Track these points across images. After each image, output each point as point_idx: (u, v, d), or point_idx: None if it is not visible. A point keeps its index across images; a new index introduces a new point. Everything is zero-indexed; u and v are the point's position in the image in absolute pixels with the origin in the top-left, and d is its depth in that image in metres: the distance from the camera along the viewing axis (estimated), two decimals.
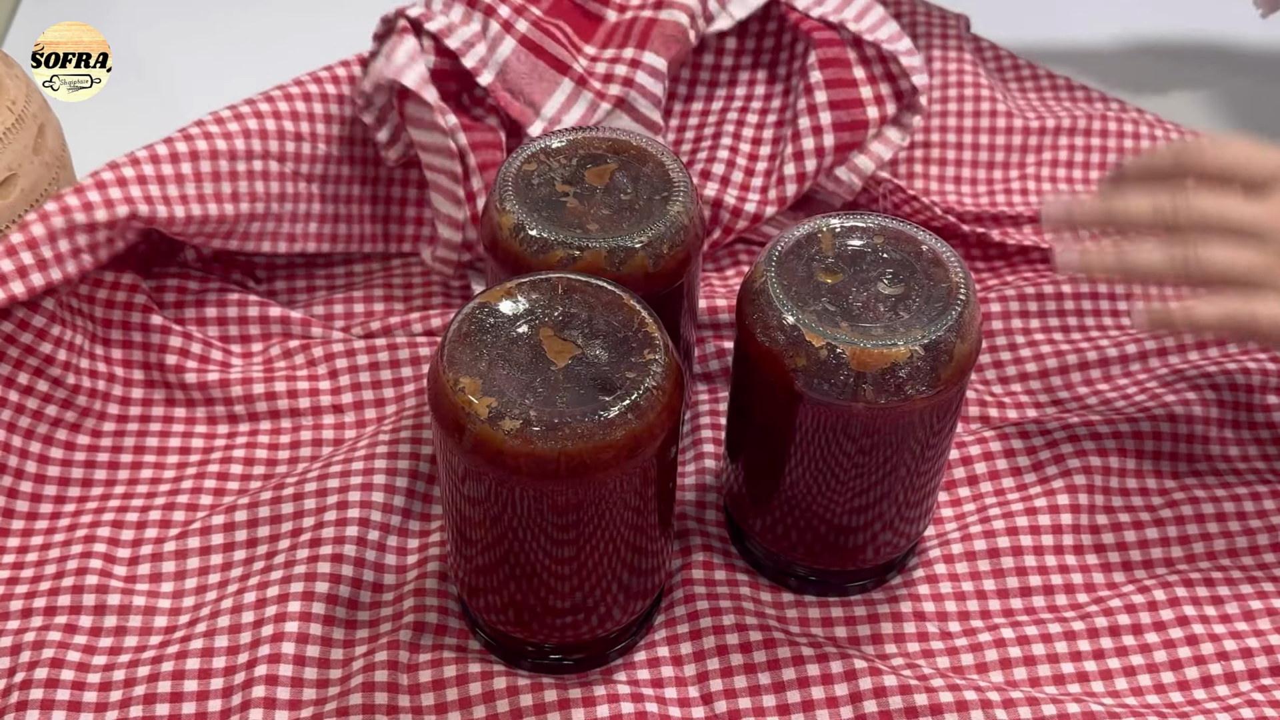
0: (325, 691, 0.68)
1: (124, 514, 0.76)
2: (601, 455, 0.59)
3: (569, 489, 0.60)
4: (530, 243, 0.68)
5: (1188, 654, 0.71)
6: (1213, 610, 0.72)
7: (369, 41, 0.87)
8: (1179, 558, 0.75)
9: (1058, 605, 0.73)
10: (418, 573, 0.73)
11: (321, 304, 0.87)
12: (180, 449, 0.79)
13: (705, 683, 0.69)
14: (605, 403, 0.59)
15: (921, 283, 0.64)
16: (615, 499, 0.62)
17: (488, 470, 0.59)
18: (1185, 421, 0.79)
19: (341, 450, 0.78)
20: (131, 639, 0.70)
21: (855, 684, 0.68)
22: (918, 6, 1.04)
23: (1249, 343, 0.79)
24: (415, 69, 0.81)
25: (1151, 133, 0.96)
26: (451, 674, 0.69)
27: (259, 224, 0.83)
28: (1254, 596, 0.73)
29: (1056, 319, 0.86)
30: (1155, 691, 0.69)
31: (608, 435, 0.59)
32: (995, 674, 0.70)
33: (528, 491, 0.60)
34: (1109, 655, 0.71)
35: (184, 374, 0.80)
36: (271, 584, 0.71)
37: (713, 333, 0.83)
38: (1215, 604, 0.73)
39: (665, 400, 0.60)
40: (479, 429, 0.59)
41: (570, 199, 0.70)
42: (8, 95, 0.78)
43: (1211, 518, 0.76)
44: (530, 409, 0.59)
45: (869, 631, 0.72)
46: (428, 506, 0.76)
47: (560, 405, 0.59)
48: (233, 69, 1.06)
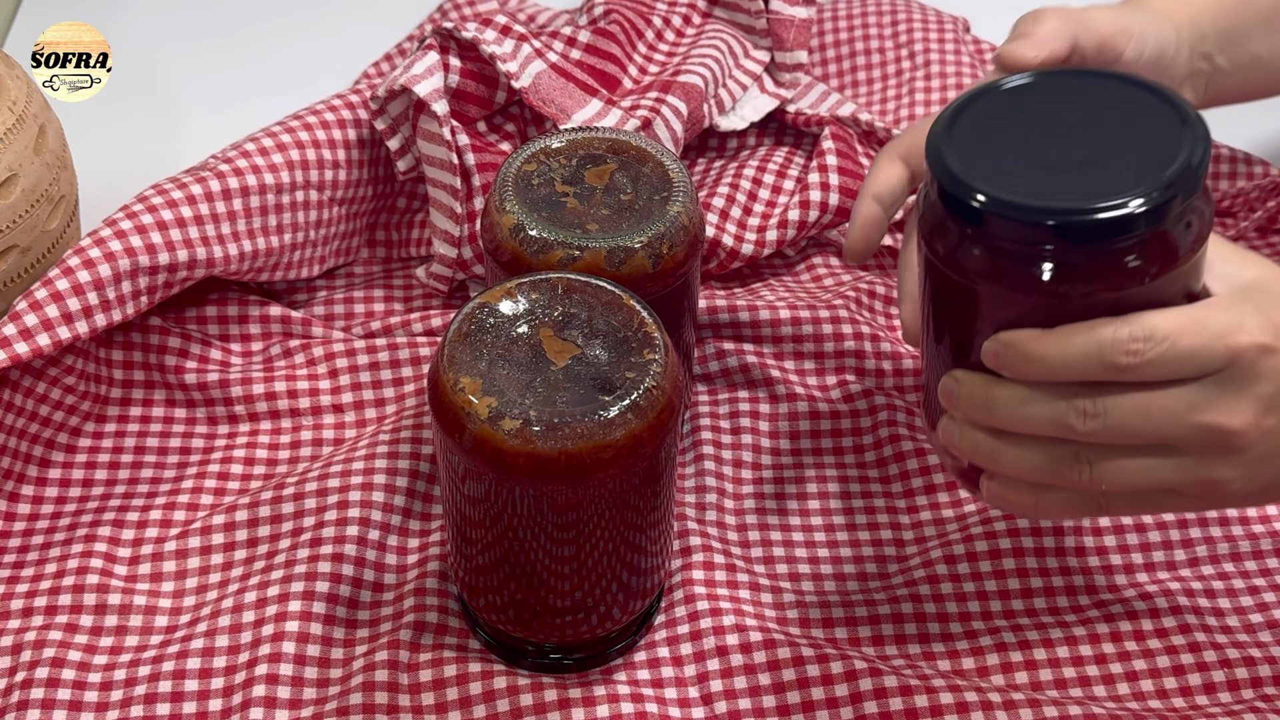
0: (326, 691, 0.68)
1: (124, 514, 0.76)
2: (601, 455, 0.59)
3: (569, 489, 0.60)
4: (530, 243, 0.68)
5: (1190, 660, 0.70)
6: (1214, 620, 0.72)
7: (369, 41, 0.87)
8: (1182, 561, 0.75)
9: (1059, 607, 0.73)
10: (418, 573, 0.73)
11: (321, 304, 0.87)
12: (180, 449, 0.79)
13: (705, 683, 0.69)
14: (605, 402, 0.59)
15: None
16: (615, 498, 0.62)
17: (487, 470, 0.59)
18: None
19: (341, 450, 0.78)
20: (132, 638, 0.70)
21: (855, 684, 0.68)
22: (917, 8, 1.04)
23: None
24: (431, 81, 0.82)
25: None
26: (452, 673, 0.68)
27: (299, 252, 0.83)
28: (1254, 609, 0.73)
29: None
30: (1158, 696, 0.69)
31: (608, 435, 0.59)
32: (996, 676, 0.70)
33: (528, 491, 0.60)
34: (1111, 659, 0.70)
35: (184, 374, 0.80)
36: (272, 584, 0.71)
37: (712, 333, 0.83)
38: (1217, 615, 0.72)
39: (665, 400, 0.60)
40: (479, 428, 0.59)
41: (570, 199, 0.70)
42: (8, 95, 0.78)
43: (1215, 521, 0.75)
44: (530, 409, 0.59)
45: (869, 632, 0.72)
46: (428, 506, 0.76)
47: (560, 405, 0.59)
48: (233, 69, 1.06)
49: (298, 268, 0.84)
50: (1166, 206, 0.54)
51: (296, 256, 0.84)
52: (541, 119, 0.87)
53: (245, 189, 0.80)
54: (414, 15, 1.08)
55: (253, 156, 0.81)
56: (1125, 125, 0.57)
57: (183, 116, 0.89)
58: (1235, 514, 0.76)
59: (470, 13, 1.06)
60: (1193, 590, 0.73)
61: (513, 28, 0.86)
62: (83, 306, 0.73)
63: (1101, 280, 0.55)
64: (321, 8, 1.12)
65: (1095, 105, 0.58)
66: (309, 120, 0.84)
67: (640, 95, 0.88)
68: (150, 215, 0.76)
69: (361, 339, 0.83)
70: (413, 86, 0.81)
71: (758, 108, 0.94)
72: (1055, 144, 0.57)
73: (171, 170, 0.82)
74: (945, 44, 1.01)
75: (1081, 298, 0.55)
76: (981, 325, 0.58)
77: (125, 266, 0.74)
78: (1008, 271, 0.56)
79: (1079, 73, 0.62)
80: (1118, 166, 0.55)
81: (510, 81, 0.84)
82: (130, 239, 0.75)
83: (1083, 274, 0.55)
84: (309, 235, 0.84)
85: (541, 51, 0.86)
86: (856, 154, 0.90)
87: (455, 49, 0.84)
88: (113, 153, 0.95)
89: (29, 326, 0.72)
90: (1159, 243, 0.55)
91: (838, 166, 0.88)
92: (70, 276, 0.73)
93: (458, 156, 0.83)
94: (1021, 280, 0.56)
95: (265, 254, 0.81)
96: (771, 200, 0.90)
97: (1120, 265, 0.55)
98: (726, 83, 0.92)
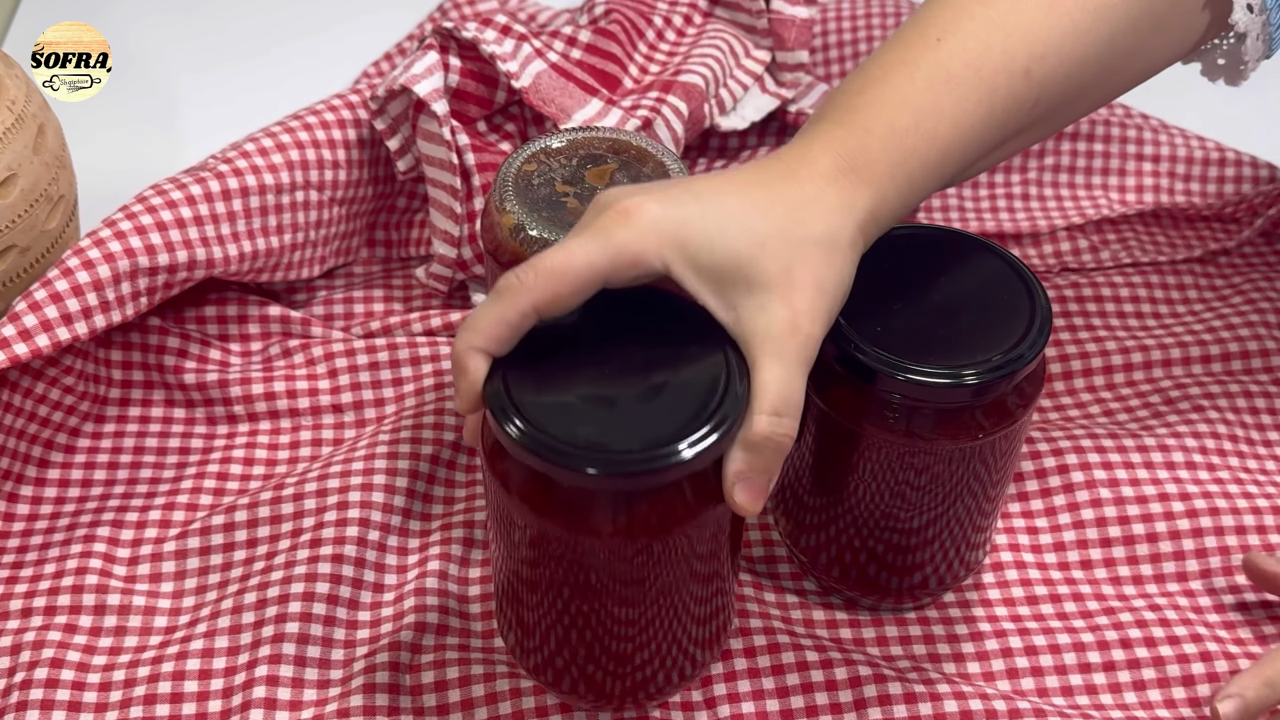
0: (326, 692, 0.68)
1: (123, 514, 0.75)
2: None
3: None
4: (530, 243, 0.68)
5: (1201, 670, 0.70)
6: (1226, 633, 0.72)
7: (369, 41, 0.86)
8: (1193, 572, 0.74)
9: (1067, 613, 0.72)
10: (418, 572, 0.72)
11: (321, 304, 0.87)
12: (179, 449, 0.79)
13: (709, 687, 0.69)
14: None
15: None
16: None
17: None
18: (1195, 436, 0.79)
19: (341, 450, 0.77)
20: (131, 639, 0.70)
21: (860, 691, 0.68)
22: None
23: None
24: (431, 81, 0.81)
25: (1155, 138, 0.95)
26: (454, 676, 0.68)
27: (299, 252, 0.83)
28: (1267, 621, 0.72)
29: (1062, 319, 0.85)
30: (1165, 706, 0.69)
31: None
32: (1002, 683, 0.69)
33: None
34: (1120, 667, 0.70)
35: (183, 374, 0.80)
36: (272, 584, 0.71)
37: None
38: (1228, 628, 0.72)
39: None
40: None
41: (570, 199, 0.70)
42: (8, 95, 0.78)
43: (1231, 530, 0.75)
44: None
45: (873, 634, 0.71)
46: (428, 506, 0.76)
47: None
48: (233, 69, 1.06)
49: (298, 268, 0.84)
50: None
51: (297, 257, 0.83)
52: (542, 119, 0.87)
53: (245, 189, 0.79)
54: (414, 15, 1.08)
55: (253, 157, 0.80)
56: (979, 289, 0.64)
57: (183, 116, 0.88)
58: (1254, 526, 0.75)
59: (470, 12, 1.06)
60: (1201, 607, 0.73)
61: (513, 27, 0.86)
62: (82, 308, 0.73)
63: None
64: (321, 8, 1.12)
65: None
66: (309, 120, 0.83)
67: (641, 95, 0.87)
68: (150, 216, 0.76)
69: (361, 339, 0.83)
70: (412, 86, 0.81)
71: (759, 107, 0.94)
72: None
73: (171, 170, 0.81)
74: None
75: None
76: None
77: (125, 267, 0.74)
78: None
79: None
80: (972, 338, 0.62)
81: (510, 81, 0.84)
82: (130, 240, 0.74)
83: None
84: (309, 236, 0.83)
85: (542, 51, 0.86)
86: None
87: (455, 49, 0.84)
88: (113, 153, 0.95)
89: (28, 327, 0.71)
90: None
91: None
92: (70, 277, 0.73)
93: (458, 156, 0.82)
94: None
95: (265, 254, 0.81)
96: None
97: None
98: (727, 82, 0.92)
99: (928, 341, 0.61)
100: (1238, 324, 0.85)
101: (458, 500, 0.76)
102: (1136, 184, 0.94)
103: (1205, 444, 0.79)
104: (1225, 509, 0.75)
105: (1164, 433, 0.79)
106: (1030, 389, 0.63)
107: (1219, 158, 0.94)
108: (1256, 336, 0.84)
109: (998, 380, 0.60)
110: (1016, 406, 0.63)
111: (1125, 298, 0.87)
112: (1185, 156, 0.94)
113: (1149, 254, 0.90)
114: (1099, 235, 0.91)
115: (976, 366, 0.60)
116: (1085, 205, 0.93)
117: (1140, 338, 0.85)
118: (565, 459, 0.53)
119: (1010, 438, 0.64)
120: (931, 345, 0.61)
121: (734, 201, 0.56)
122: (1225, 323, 0.85)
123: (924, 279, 0.64)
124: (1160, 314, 0.87)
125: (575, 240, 0.55)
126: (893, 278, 0.64)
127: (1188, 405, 0.81)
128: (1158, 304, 0.87)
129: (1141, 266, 0.89)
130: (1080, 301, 0.87)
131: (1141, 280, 0.88)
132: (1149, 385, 0.82)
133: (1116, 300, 0.87)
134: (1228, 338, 0.84)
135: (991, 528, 0.70)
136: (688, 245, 0.55)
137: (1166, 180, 0.94)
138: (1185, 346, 0.83)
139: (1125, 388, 0.83)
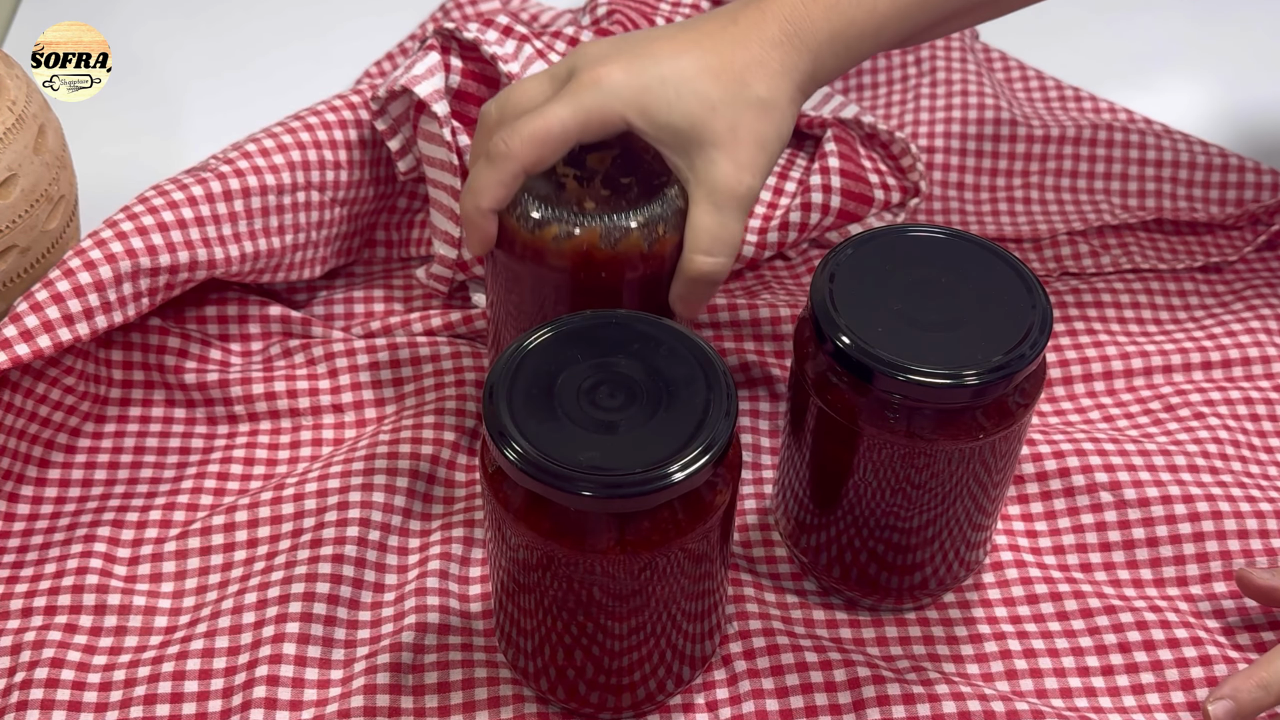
0: (327, 693, 0.68)
1: (124, 514, 0.75)
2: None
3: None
4: (527, 220, 0.68)
5: (1200, 674, 0.70)
6: (1225, 638, 0.72)
7: (369, 41, 0.86)
8: (1194, 577, 0.74)
9: (1067, 614, 0.72)
10: (418, 572, 0.72)
11: (321, 304, 0.87)
12: (180, 449, 0.79)
13: (711, 690, 0.69)
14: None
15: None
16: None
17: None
18: (1196, 441, 0.79)
19: (341, 450, 0.77)
20: (132, 639, 0.70)
21: (859, 691, 0.68)
22: None
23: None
24: (432, 82, 0.81)
25: (1158, 143, 0.95)
26: (458, 677, 0.68)
27: (300, 253, 0.83)
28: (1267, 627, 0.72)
29: (1063, 324, 0.85)
30: (1164, 710, 0.69)
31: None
32: (1001, 684, 0.69)
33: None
34: (1119, 671, 0.70)
35: (184, 374, 0.80)
36: (272, 584, 0.71)
37: (712, 332, 0.83)
38: (1228, 634, 0.72)
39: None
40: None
41: (570, 180, 0.70)
42: (8, 95, 0.78)
43: (1233, 535, 0.75)
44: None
45: (873, 634, 0.71)
46: (428, 506, 0.76)
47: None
48: (233, 69, 1.06)
49: (299, 269, 0.84)
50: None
51: (298, 257, 0.83)
52: None
53: (246, 190, 0.79)
54: (415, 15, 1.08)
55: (253, 157, 0.80)
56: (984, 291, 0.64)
57: (183, 116, 0.88)
58: (1256, 530, 0.75)
59: (472, 12, 1.06)
60: (1201, 611, 0.73)
61: (515, 28, 0.86)
62: (84, 308, 0.73)
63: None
64: (321, 8, 1.11)
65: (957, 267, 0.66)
66: (310, 121, 0.83)
67: None
68: (151, 216, 0.76)
69: (361, 339, 0.83)
70: (413, 87, 0.81)
71: None
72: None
73: (171, 170, 0.81)
74: (952, 51, 1.01)
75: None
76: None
77: (126, 268, 0.74)
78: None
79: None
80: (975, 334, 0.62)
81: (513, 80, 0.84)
82: (131, 240, 0.74)
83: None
84: (310, 236, 0.83)
85: (544, 52, 0.86)
86: (859, 156, 0.89)
87: (457, 49, 0.84)
88: (113, 153, 0.95)
89: (30, 328, 0.71)
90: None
91: (840, 169, 0.87)
92: (71, 278, 0.73)
93: (458, 157, 0.82)
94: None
95: (266, 255, 0.81)
96: (773, 202, 0.89)
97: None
98: None
99: (928, 342, 0.61)
100: (1238, 330, 0.85)
101: (458, 500, 0.76)
102: (1139, 189, 0.94)
103: (1207, 449, 0.79)
104: (1228, 513, 0.75)
105: (1164, 439, 0.79)
106: (1031, 389, 0.63)
107: (1221, 163, 0.94)
108: (1258, 343, 0.84)
109: (998, 381, 0.60)
110: (1017, 407, 0.63)
111: (1126, 303, 0.87)
112: (1188, 162, 0.94)
113: (1150, 260, 0.90)
114: (1100, 240, 0.91)
115: (977, 367, 0.60)
116: (1087, 210, 0.93)
117: (1141, 343, 0.85)
118: (566, 483, 0.56)
119: (1011, 438, 0.64)
120: (932, 346, 0.61)
121: (691, 67, 0.66)
122: (1226, 329, 0.85)
123: (924, 280, 0.64)
124: (1161, 320, 0.87)
125: (551, 106, 0.65)
126: (894, 278, 0.64)
127: (1188, 412, 0.81)
128: (1158, 310, 0.87)
129: (1142, 272, 0.89)
130: (1081, 307, 0.87)
131: (1142, 286, 0.88)
132: (1149, 391, 0.82)
133: (1117, 306, 0.87)
134: (1229, 344, 0.84)
135: (991, 528, 0.70)
136: (648, 108, 0.66)
137: (1169, 185, 0.94)
138: (1186, 353, 0.84)
139: (1126, 393, 0.83)
